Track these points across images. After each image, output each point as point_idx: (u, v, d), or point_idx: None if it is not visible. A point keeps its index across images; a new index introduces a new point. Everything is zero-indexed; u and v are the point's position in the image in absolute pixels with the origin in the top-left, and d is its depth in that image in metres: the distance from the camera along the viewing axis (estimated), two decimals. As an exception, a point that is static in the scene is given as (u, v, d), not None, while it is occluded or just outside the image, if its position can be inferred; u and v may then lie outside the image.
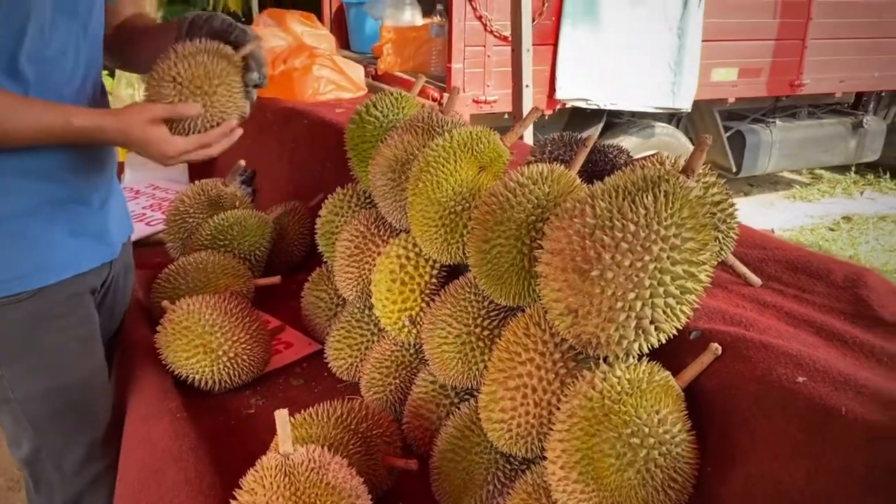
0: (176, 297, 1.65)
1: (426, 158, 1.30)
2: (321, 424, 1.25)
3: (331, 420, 1.25)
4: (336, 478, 1.01)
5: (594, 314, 0.92)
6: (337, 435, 1.23)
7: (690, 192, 0.93)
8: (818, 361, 0.87)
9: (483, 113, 4.39)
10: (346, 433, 1.24)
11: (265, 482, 1.00)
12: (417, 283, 1.36)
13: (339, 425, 1.25)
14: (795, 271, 1.15)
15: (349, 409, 1.28)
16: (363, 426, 1.26)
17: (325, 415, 1.26)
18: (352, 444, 1.22)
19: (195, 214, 2.02)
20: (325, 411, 1.27)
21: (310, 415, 1.27)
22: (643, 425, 0.89)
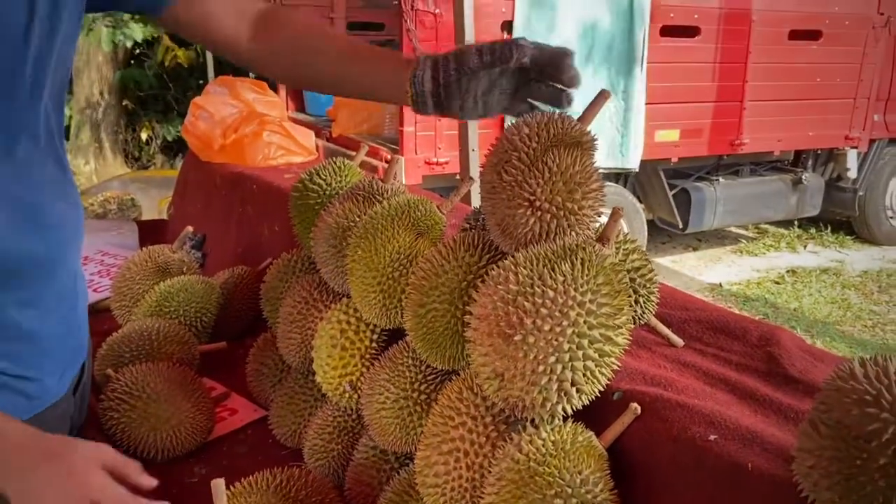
0: (120, 364, 1.65)
1: (365, 226, 1.35)
2: (261, 493, 1.25)
3: (270, 489, 1.25)
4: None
5: (519, 377, 0.95)
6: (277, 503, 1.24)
7: (605, 259, 0.99)
8: (729, 420, 0.92)
9: (435, 174, 4.49)
10: (285, 502, 1.25)
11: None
12: (358, 349, 1.39)
13: (279, 493, 1.25)
14: (715, 331, 1.21)
15: (289, 476, 1.29)
16: (302, 494, 1.27)
17: (264, 483, 1.26)
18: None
19: (142, 281, 2.03)
20: (265, 480, 1.27)
21: (249, 483, 1.27)
22: (566, 486, 0.92)
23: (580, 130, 1.10)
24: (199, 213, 2.90)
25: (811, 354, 1.12)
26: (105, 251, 2.88)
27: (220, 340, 1.95)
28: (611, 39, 5.02)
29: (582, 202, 1.06)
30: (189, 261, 2.19)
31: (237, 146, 2.73)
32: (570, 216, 1.06)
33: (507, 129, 1.13)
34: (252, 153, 2.72)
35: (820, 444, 0.70)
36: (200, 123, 2.75)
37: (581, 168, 1.06)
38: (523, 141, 1.08)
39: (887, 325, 5.15)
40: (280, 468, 1.31)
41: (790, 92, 6.01)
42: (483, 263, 1.15)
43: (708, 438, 0.90)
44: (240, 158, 2.73)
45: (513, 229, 1.08)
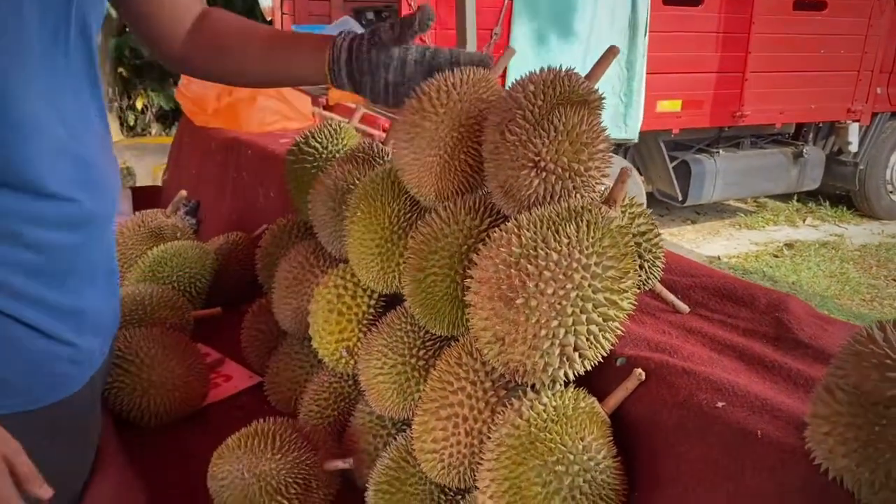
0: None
1: (364, 188, 1.31)
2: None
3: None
4: None
5: (520, 342, 0.93)
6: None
7: (612, 221, 0.95)
8: (737, 386, 0.90)
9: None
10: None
11: None
12: (355, 314, 1.36)
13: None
14: (722, 298, 1.18)
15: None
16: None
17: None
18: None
19: (135, 246, 1.99)
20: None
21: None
22: (568, 452, 0.90)
23: (587, 88, 1.06)
24: (194, 179, 2.86)
25: (820, 320, 1.09)
26: (98, 217, 2.83)
27: (214, 307, 1.92)
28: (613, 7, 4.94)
29: (588, 163, 1.02)
30: (183, 226, 2.15)
31: (231, 110, 2.68)
32: (576, 177, 1.02)
33: (510, 87, 1.09)
34: (247, 118, 2.67)
35: (836, 410, 0.67)
36: (194, 86, 2.70)
37: (588, 127, 1.02)
38: (528, 98, 1.04)
39: (885, 300, 5.14)
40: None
41: (793, 63, 5.94)
42: (484, 227, 1.12)
43: (715, 405, 0.88)
44: (234, 123, 2.69)
45: (516, 191, 1.04)
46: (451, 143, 1.15)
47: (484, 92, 1.18)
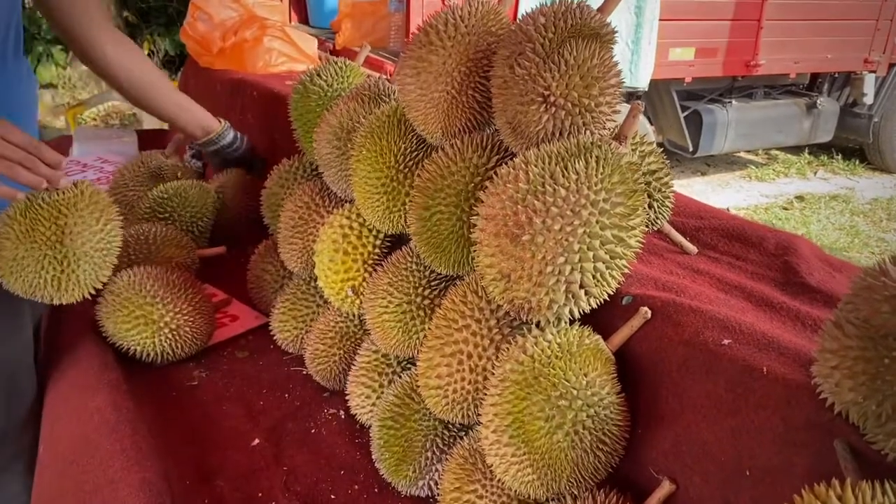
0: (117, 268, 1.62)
1: (371, 126, 1.29)
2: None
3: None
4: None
5: (525, 279, 0.92)
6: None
7: (622, 158, 0.93)
8: (744, 325, 0.89)
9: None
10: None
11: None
12: (360, 254, 1.35)
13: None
14: (730, 239, 1.17)
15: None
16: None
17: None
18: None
19: (135, 187, 1.98)
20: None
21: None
22: (571, 388, 0.90)
23: (600, 21, 1.02)
24: (199, 122, 2.83)
25: (829, 265, 1.08)
26: (105, 158, 2.82)
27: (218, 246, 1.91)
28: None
29: (599, 98, 1.00)
30: (184, 166, 2.14)
31: (237, 51, 2.64)
32: (587, 113, 1.00)
33: (521, 19, 1.06)
34: (252, 59, 2.63)
35: (845, 344, 0.67)
36: (199, 25, 2.65)
37: (600, 62, 1.00)
38: (538, 31, 1.01)
39: (894, 253, 5.11)
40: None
41: (810, 11, 5.79)
42: (491, 165, 1.10)
43: (721, 343, 0.87)
44: (240, 64, 2.65)
45: (524, 127, 1.02)
46: (459, 77, 1.13)
47: (493, 25, 1.15)
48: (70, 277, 1.30)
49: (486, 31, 1.14)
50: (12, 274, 1.26)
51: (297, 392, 1.50)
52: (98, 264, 1.35)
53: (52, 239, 1.26)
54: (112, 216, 1.38)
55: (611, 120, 1.04)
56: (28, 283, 1.27)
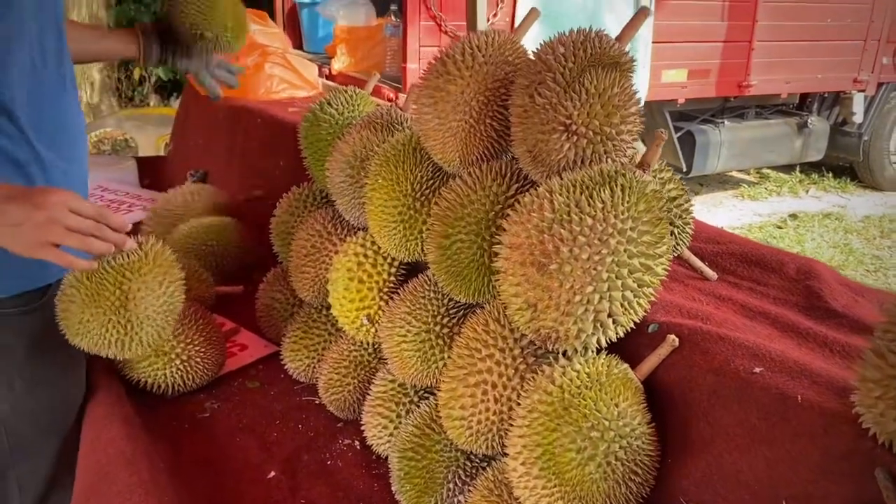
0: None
1: (385, 154, 1.29)
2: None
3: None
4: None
5: (553, 308, 0.91)
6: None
7: (646, 186, 0.94)
8: (774, 352, 0.89)
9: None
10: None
11: None
12: (375, 282, 1.35)
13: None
14: (750, 265, 1.17)
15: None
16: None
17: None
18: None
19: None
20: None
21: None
22: (603, 419, 0.89)
23: (618, 50, 1.03)
24: (200, 149, 2.83)
25: (851, 289, 1.08)
26: (104, 186, 2.81)
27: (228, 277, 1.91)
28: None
29: (620, 126, 1.00)
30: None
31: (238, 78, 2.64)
32: (608, 141, 1.00)
33: (539, 49, 1.07)
34: (254, 86, 2.64)
35: (889, 373, 0.66)
36: (201, 54, 2.65)
37: (620, 90, 1.00)
38: (558, 61, 1.02)
39: (889, 270, 5.13)
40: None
41: (800, 33, 5.86)
42: (511, 193, 1.10)
43: (753, 371, 0.87)
44: (241, 91, 2.64)
45: (546, 155, 1.02)
46: (477, 106, 1.13)
47: (510, 54, 1.16)
48: (133, 339, 1.34)
49: (503, 61, 1.14)
50: (78, 335, 1.30)
51: (311, 422, 1.48)
52: (160, 325, 1.38)
53: (117, 304, 1.30)
54: (175, 277, 1.39)
55: (631, 147, 1.04)
56: (93, 343, 1.31)
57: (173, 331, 1.49)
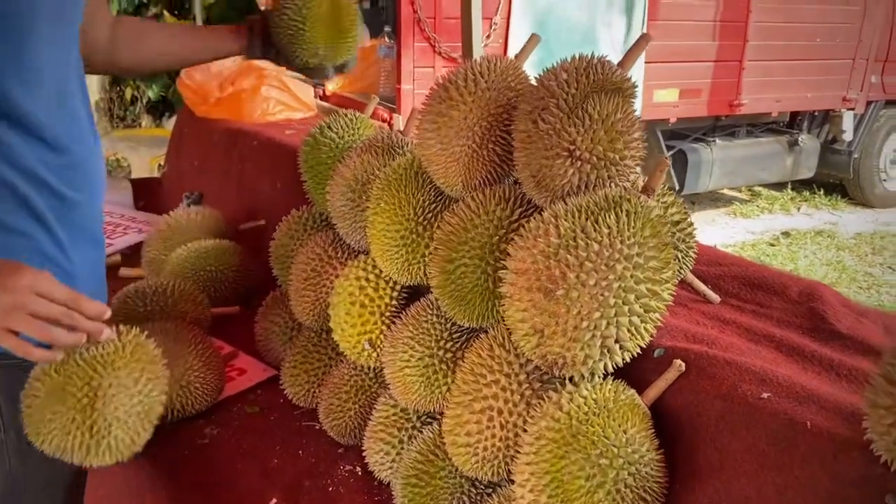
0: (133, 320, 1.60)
1: (388, 178, 1.29)
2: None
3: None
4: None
5: (560, 334, 0.91)
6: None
7: (651, 211, 0.94)
8: (781, 377, 0.89)
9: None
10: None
11: None
12: (377, 306, 1.34)
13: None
14: (752, 287, 1.17)
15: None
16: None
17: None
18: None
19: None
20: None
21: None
22: (612, 445, 0.89)
23: (621, 76, 1.04)
24: (196, 171, 2.82)
25: (854, 310, 1.09)
26: (100, 209, 2.80)
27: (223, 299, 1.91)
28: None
29: (624, 152, 1.01)
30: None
31: (234, 100, 2.65)
32: (612, 167, 1.01)
33: (542, 75, 1.08)
34: (250, 108, 2.64)
35: (900, 401, 0.66)
36: (196, 75, 2.66)
37: (623, 116, 1.01)
38: (561, 87, 1.02)
39: (882, 287, 5.16)
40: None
41: (790, 52, 5.93)
42: (515, 218, 1.11)
43: (760, 396, 0.87)
44: (237, 113, 2.65)
45: (549, 181, 1.02)
46: (480, 132, 1.13)
47: (512, 80, 1.17)
48: (101, 443, 1.17)
49: (505, 87, 1.15)
50: (39, 435, 1.14)
51: (312, 448, 1.47)
52: (134, 428, 1.21)
53: (84, 402, 1.14)
54: (155, 374, 1.26)
55: (634, 172, 1.05)
56: (55, 446, 1.15)
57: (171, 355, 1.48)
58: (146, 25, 1.64)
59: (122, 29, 1.52)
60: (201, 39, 1.61)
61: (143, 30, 1.59)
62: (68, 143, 1.21)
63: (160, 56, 1.59)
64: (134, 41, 1.53)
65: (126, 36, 1.51)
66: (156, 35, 1.59)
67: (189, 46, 1.58)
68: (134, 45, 1.53)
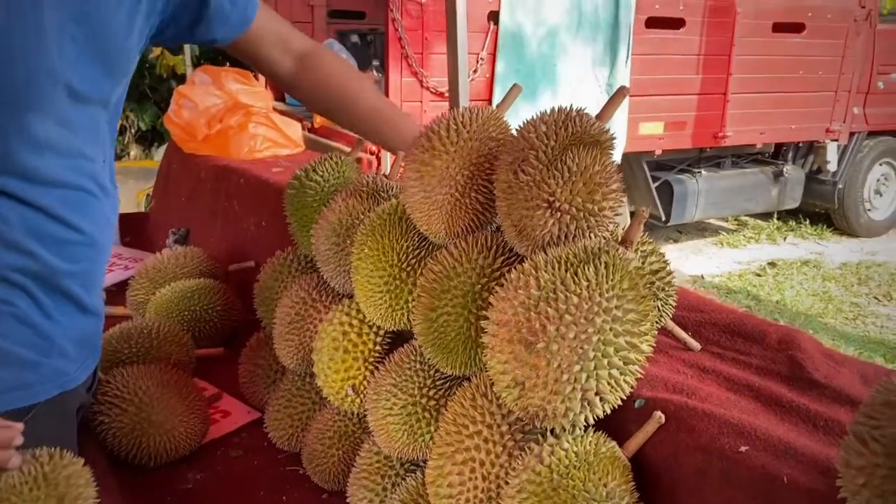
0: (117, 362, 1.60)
1: (372, 224, 1.30)
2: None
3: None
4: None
5: (540, 387, 0.92)
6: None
7: (629, 263, 0.95)
8: (759, 430, 0.89)
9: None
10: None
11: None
12: (361, 352, 1.35)
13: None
14: (732, 334, 1.18)
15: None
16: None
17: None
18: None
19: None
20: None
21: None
22: (592, 499, 0.89)
23: (599, 128, 1.06)
24: (183, 207, 2.83)
25: (832, 359, 1.10)
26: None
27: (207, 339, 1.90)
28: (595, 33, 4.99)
29: (602, 203, 1.02)
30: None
31: (222, 137, 2.66)
32: (591, 217, 1.02)
33: (522, 127, 1.09)
34: (237, 145, 2.65)
35: (872, 461, 0.67)
36: (184, 113, 2.68)
37: (601, 168, 1.02)
38: (541, 139, 1.04)
39: (868, 318, 5.19)
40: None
41: (773, 85, 6.03)
42: (497, 266, 1.11)
43: (738, 450, 0.87)
44: (224, 150, 2.67)
45: (530, 231, 1.04)
46: (462, 181, 1.15)
47: (493, 130, 1.18)
48: None
49: (487, 137, 1.17)
50: None
51: (295, 494, 1.46)
52: None
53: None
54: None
55: (613, 223, 1.06)
56: None
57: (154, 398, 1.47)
58: (329, 83, 1.56)
59: (308, 75, 1.55)
60: (383, 136, 1.64)
61: (327, 86, 1.57)
62: (76, 220, 1.19)
63: (334, 117, 1.67)
64: (312, 93, 1.59)
65: (311, 89, 1.57)
66: (334, 100, 1.59)
67: (372, 135, 1.64)
68: (311, 98, 1.60)
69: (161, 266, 2.06)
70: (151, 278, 2.04)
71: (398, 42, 4.13)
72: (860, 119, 6.81)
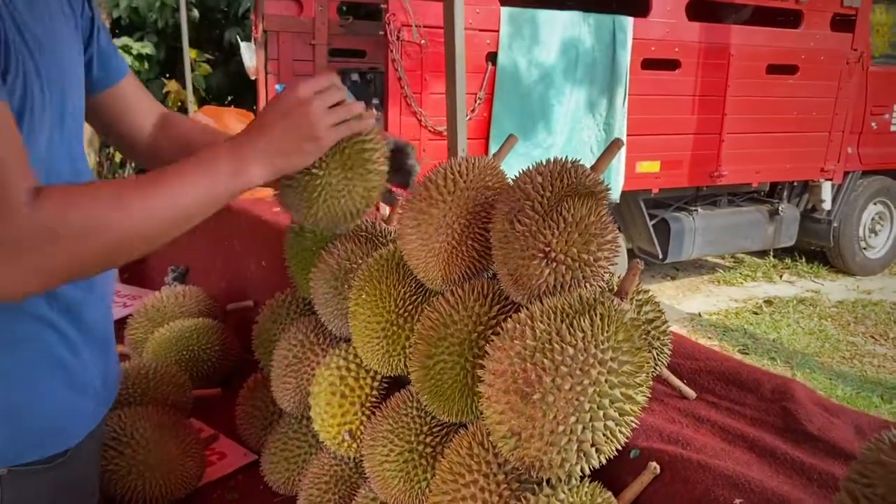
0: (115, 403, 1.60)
1: (370, 269, 1.31)
2: None
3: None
4: None
5: (536, 437, 0.92)
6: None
7: (625, 314, 0.96)
8: (753, 482, 0.90)
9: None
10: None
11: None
12: (358, 396, 1.35)
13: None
14: (727, 383, 1.19)
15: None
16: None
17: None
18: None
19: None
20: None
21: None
22: (588, 552, 0.89)
23: (594, 180, 1.08)
24: (183, 245, 2.83)
25: (826, 409, 1.10)
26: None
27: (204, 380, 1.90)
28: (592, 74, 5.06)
29: (598, 253, 1.04)
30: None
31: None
32: (586, 268, 1.03)
33: (518, 178, 1.11)
34: (238, 184, 2.67)
35: (864, 520, 0.68)
36: (186, 153, 2.70)
37: (597, 218, 1.04)
38: (537, 190, 1.06)
39: (864, 357, 5.19)
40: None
41: (768, 125, 6.11)
42: (494, 314, 1.13)
43: (733, 502, 0.88)
44: (225, 190, 2.68)
45: (526, 280, 1.05)
46: (459, 229, 1.17)
47: (490, 179, 1.20)
48: None
49: (483, 186, 1.19)
50: None
51: (291, 538, 1.45)
52: None
53: None
54: None
55: (608, 272, 1.08)
56: None
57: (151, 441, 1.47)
58: (190, 137, 1.48)
59: (166, 133, 1.48)
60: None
61: (188, 142, 1.45)
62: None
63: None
64: (178, 151, 1.45)
65: (170, 147, 1.46)
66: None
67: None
68: (177, 155, 1.48)
69: (160, 305, 2.07)
70: (150, 317, 2.04)
71: (398, 82, 4.19)
72: (854, 158, 6.89)
